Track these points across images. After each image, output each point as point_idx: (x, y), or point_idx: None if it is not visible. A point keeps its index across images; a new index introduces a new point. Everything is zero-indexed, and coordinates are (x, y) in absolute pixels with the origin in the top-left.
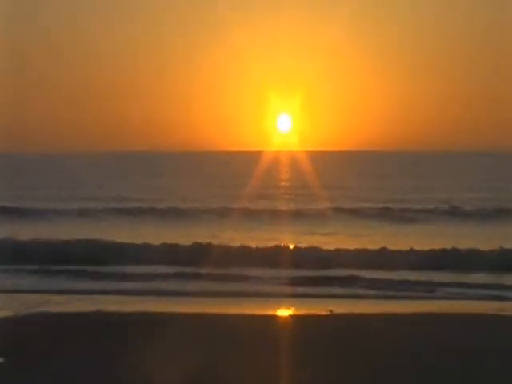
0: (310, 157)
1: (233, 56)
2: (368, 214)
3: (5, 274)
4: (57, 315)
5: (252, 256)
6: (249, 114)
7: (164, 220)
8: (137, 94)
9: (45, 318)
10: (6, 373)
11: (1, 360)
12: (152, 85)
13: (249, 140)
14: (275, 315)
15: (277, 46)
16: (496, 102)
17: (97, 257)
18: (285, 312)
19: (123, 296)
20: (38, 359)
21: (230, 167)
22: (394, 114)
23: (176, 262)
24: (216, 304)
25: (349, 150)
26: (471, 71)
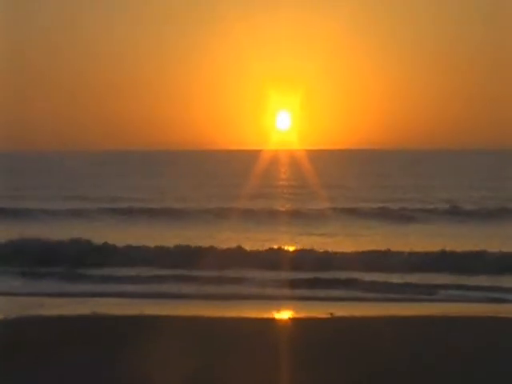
0: (310, 155)
1: (232, 54)
2: (367, 214)
3: None
4: (51, 318)
5: (250, 258)
6: (248, 113)
7: (160, 220)
8: (136, 93)
9: (38, 322)
10: None
11: None
12: (151, 84)
13: (248, 138)
14: (275, 318)
15: (276, 44)
16: (497, 100)
17: (90, 258)
18: (285, 315)
19: (119, 298)
20: (27, 365)
21: (229, 166)
22: (394, 112)
23: (171, 264)
24: (213, 307)
25: (348, 149)
26: (472, 69)
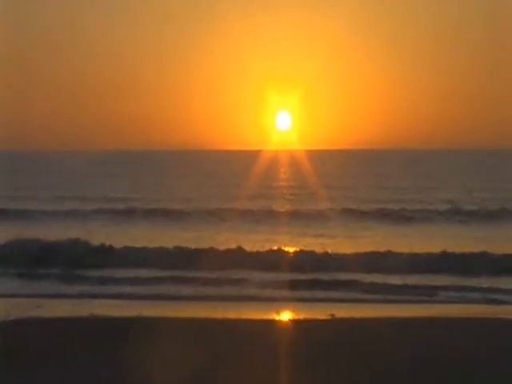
0: (309, 155)
1: (232, 54)
2: (367, 215)
3: None
4: (49, 320)
5: (250, 259)
6: (248, 113)
7: (159, 221)
8: (136, 93)
9: (36, 323)
10: None
11: None
12: (151, 84)
13: (248, 138)
14: (275, 319)
15: (276, 44)
16: (497, 100)
17: (88, 259)
18: (285, 316)
19: (117, 300)
20: (25, 367)
21: (229, 166)
22: (394, 112)
23: (171, 265)
24: (213, 308)
25: (348, 149)
26: (471, 69)
